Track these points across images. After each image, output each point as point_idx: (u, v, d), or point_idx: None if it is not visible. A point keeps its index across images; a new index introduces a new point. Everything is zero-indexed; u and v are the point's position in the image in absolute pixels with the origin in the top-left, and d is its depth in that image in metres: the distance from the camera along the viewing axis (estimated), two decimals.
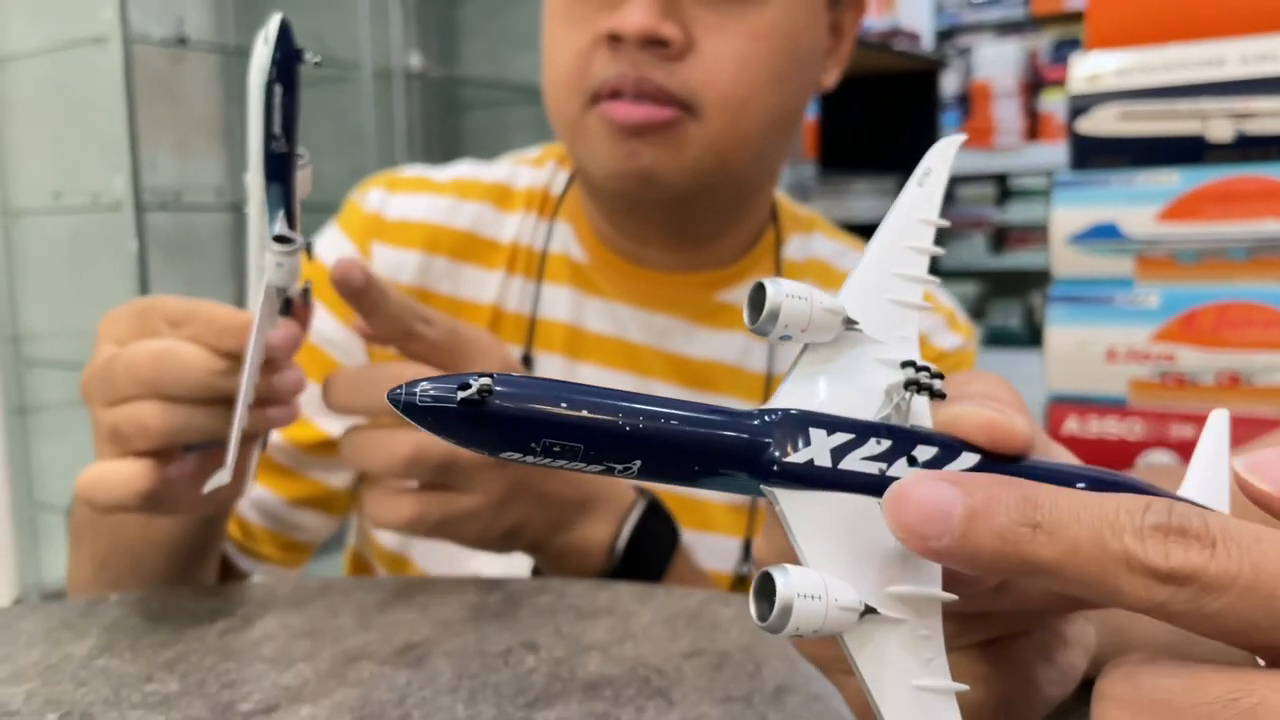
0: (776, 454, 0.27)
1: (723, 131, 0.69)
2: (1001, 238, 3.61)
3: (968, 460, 0.29)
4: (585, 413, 0.25)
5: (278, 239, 0.49)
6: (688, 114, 0.68)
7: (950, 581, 0.28)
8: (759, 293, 0.28)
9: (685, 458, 0.26)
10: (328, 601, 0.58)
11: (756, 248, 0.81)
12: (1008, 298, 3.58)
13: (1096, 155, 0.66)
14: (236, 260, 2.26)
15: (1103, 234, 0.64)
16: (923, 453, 0.29)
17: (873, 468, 0.28)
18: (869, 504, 0.28)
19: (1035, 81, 3.51)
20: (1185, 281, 0.62)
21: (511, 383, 0.24)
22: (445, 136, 2.63)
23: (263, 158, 0.48)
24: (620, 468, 0.26)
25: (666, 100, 0.67)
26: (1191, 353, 0.61)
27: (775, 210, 0.82)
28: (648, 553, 0.63)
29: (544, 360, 0.77)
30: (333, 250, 0.77)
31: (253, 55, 0.48)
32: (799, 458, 0.27)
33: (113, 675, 0.48)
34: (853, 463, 0.28)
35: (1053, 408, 0.65)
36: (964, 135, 0.35)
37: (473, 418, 0.24)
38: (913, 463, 0.28)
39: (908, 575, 0.28)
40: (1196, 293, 0.62)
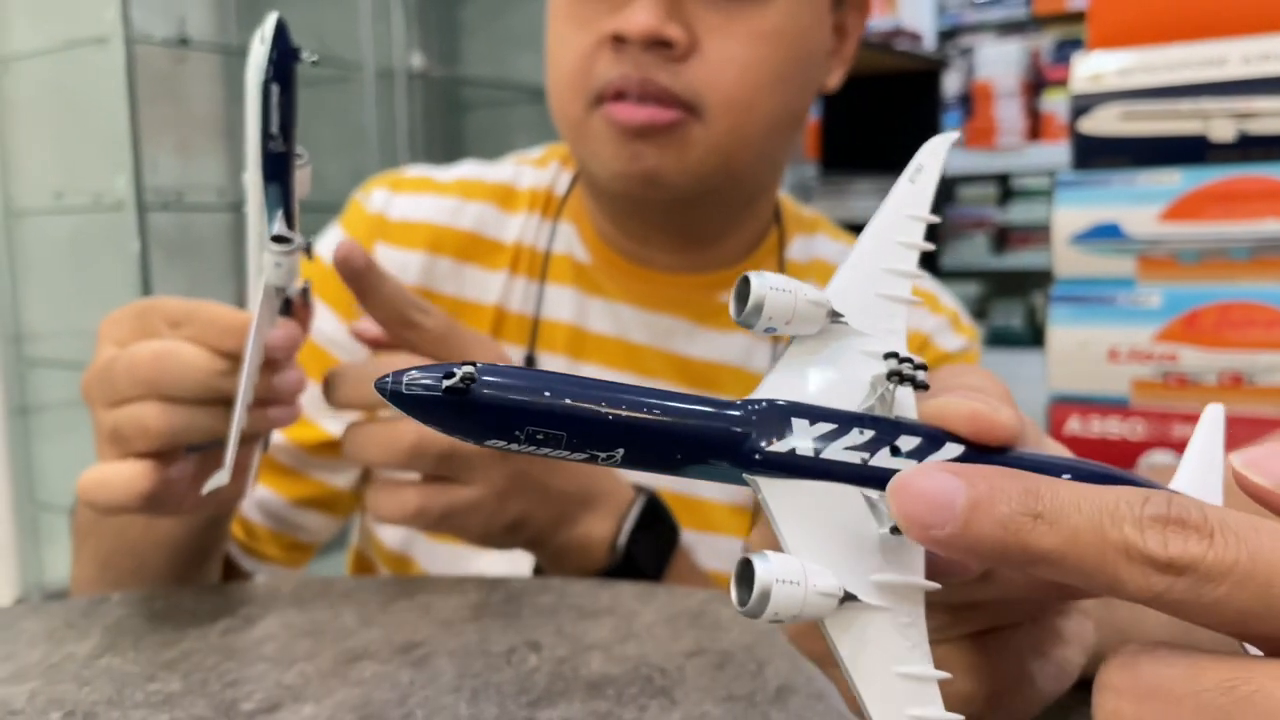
0: (759, 443, 0.28)
1: (726, 133, 0.69)
2: (1003, 238, 3.61)
3: (951, 451, 0.30)
4: (568, 401, 0.25)
5: (276, 239, 0.49)
6: (691, 115, 0.68)
7: (933, 570, 0.28)
8: (744, 286, 0.28)
9: (668, 446, 0.27)
10: (330, 601, 0.58)
11: (760, 249, 0.81)
12: (1010, 298, 3.58)
13: (1098, 155, 0.66)
14: (238, 260, 2.26)
15: (1105, 234, 0.64)
16: (906, 443, 0.29)
17: (855, 457, 0.28)
18: (851, 493, 0.28)
19: (1037, 81, 3.52)
20: (1187, 281, 0.62)
21: (495, 371, 0.25)
22: (447, 136, 2.63)
23: (260, 158, 0.48)
24: (604, 456, 0.26)
25: (670, 102, 0.67)
26: (1193, 353, 0.61)
27: (778, 211, 0.82)
28: (648, 550, 0.63)
29: (547, 360, 0.77)
30: None
31: (249, 55, 0.47)
32: (781, 447, 0.28)
33: (115, 674, 0.48)
34: (835, 452, 0.28)
35: (1055, 408, 0.65)
36: (956, 133, 0.35)
37: (457, 406, 0.25)
38: (895, 453, 0.29)
39: (890, 563, 0.28)
40: (1198, 293, 0.62)
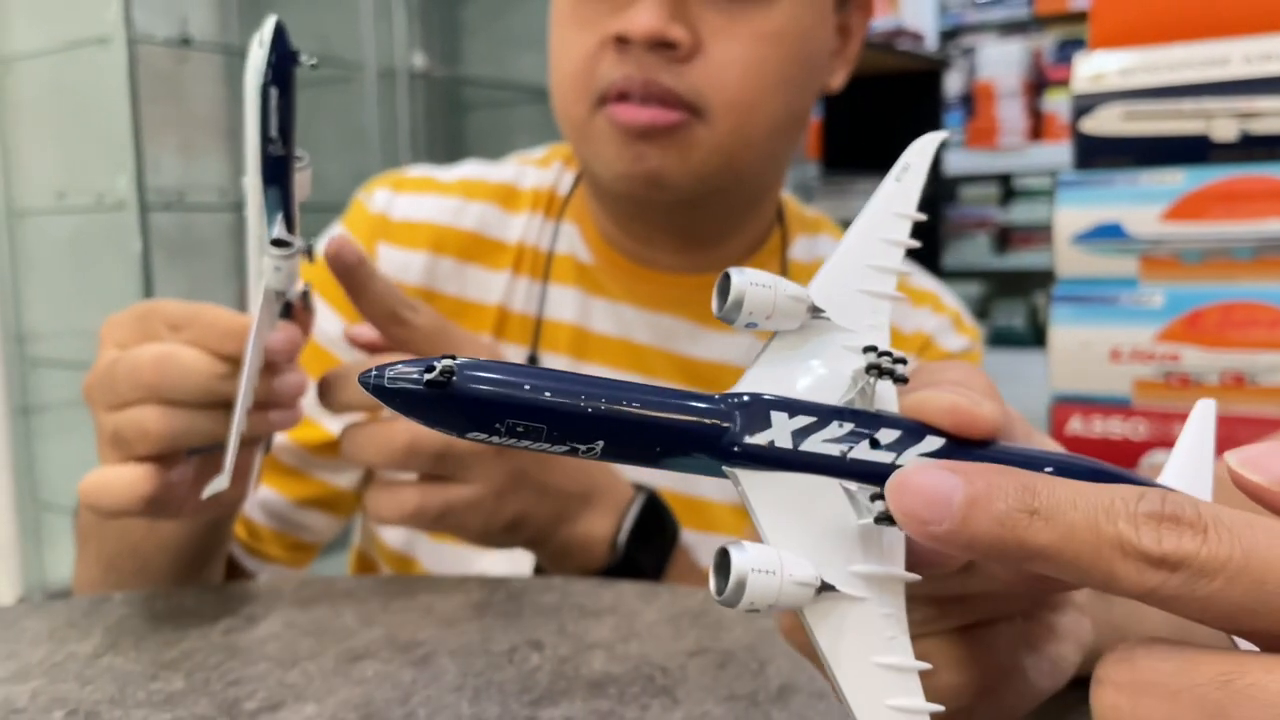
0: (738, 436, 0.28)
1: (730, 134, 0.69)
2: (1005, 238, 3.61)
3: (932, 444, 0.30)
4: (547, 395, 0.26)
5: (275, 243, 0.48)
6: (695, 116, 0.68)
7: (914, 562, 0.29)
8: (725, 281, 0.29)
9: (647, 439, 0.27)
10: (332, 600, 0.58)
11: (762, 249, 0.81)
12: (1011, 298, 3.58)
13: (1100, 155, 0.66)
14: (240, 260, 2.26)
15: (1107, 234, 0.64)
16: (886, 436, 0.29)
17: (834, 450, 0.29)
18: (831, 485, 0.29)
19: (1039, 81, 3.52)
20: (1189, 281, 0.62)
21: (475, 365, 0.25)
22: (449, 137, 2.63)
23: (260, 161, 0.48)
24: (584, 448, 0.27)
25: (673, 103, 0.67)
26: (1196, 353, 0.61)
27: (781, 211, 0.82)
28: (648, 548, 0.63)
29: (550, 360, 0.77)
30: None
31: (248, 58, 0.47)
32: (760, 440, 0.28)
33: (118, 674, 0.48)
34: (814, 445, 0.28)
35: (1056, 408, 0.65)
36: (945, 133, 0.35)
37: (438, 399, 0.25)
38: (875, 445, 0.29)
39: (870, 555, 0.28)
40: (1201, 293, 0.62)
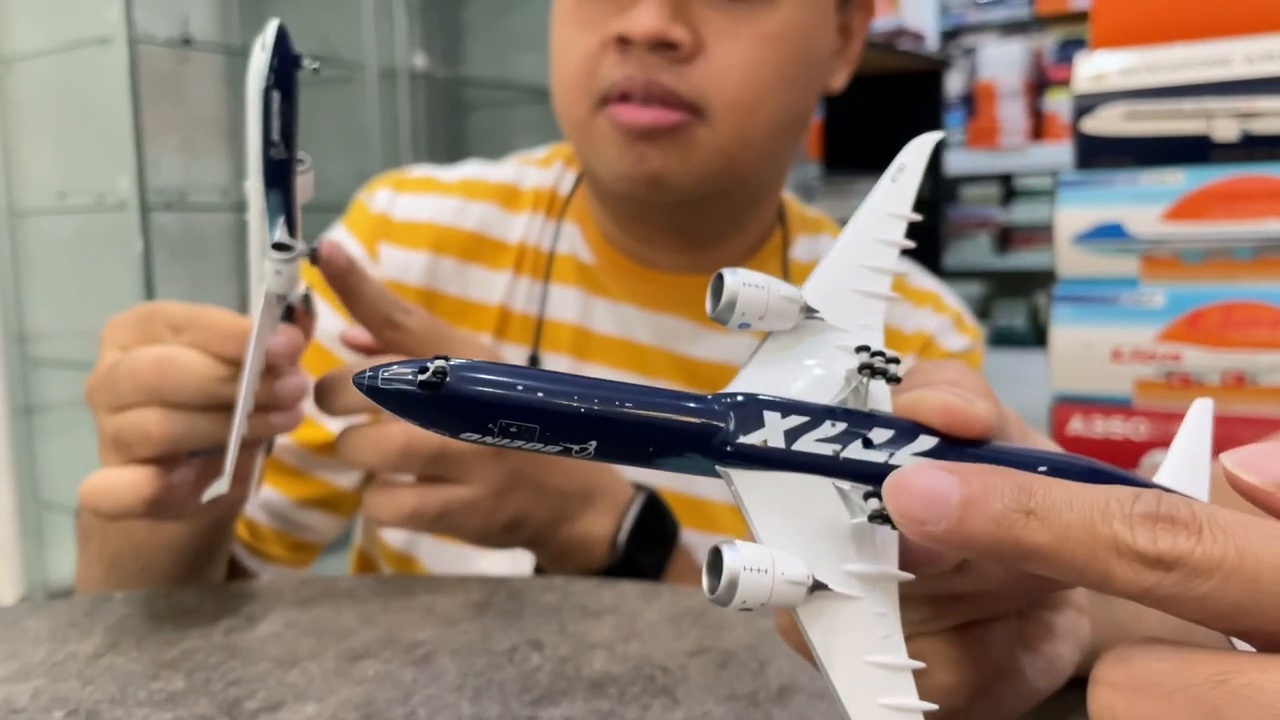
0: (731, 436, 0.28)
1: (731, 135, 0.69)
2: (1006, 238, 3.61)
3: (925, 443, 0.30)
4: (540, 395, 0.26)
5: (277, 246, 0.48)
6: (696, 117, 0.68)
7: (907, 561, 0.29)
8: (718, 282, 0.29)
9: (640, 439, 0.27)
10: (333, 600, 0.58)
11: (764, 249, 0.81)
12: (1013, 298, 3.58)
13: (1101, 155, 0.66)
14: (241, 260, 2.24)
15: (1108, 234, 0.64)
16: (879, 435, 0.29)
17: (827, 449, 0.29)
18: (824, 485, 0.29)
19: (1040, 81, 3.52)
20: (1190, 281, 0.62)
21: (468, 366, 0.26)
22: (450, 137, 2.63)
23: (262, 165, 0.48)
24: (577, 448, 0.27)
25: (675, 103, 0.67)
26: (1197, 353, 0.61)
27: (783, 211, 0.82)
28: (648, 547, 0.63)
29: (551, 361, 0.77)
30: None
31: (250, 62, 0.47)
32: (753, 439, 0.28)
33: (119, 673, 0.48)
34: (806, 444, 0.29)
35: (1058, 408, 0.65)
36: (941, 133, 0.35)
37: (431, 399, 0.25)
38: (868, 445, 0.29)
39: (864, 554, 0.28)
40: (1202, 292, 0.62)
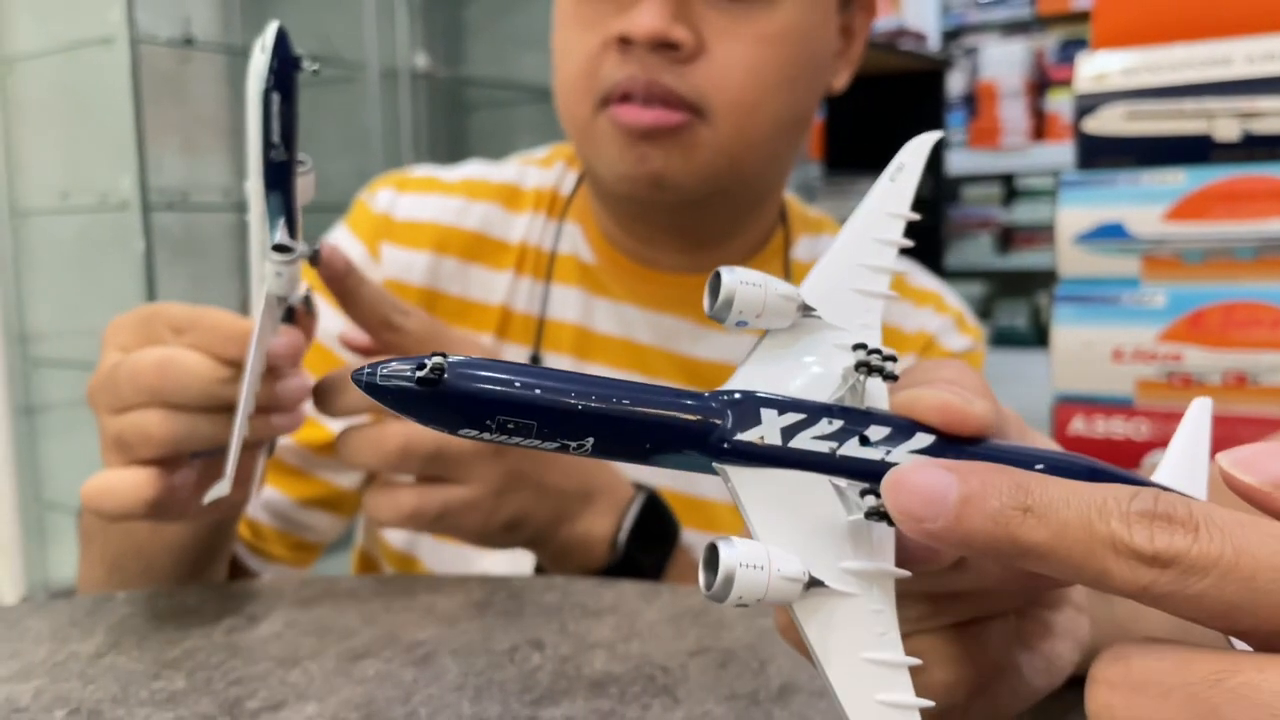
0: (728, 433, 0.28)
1: (733, 135, 0.69)
2: (1008, 238, 3.61)
3: (922, 441, 0.30)
4: (537, 391, 0.26)
5: (277, 248, 0.48)
6: (698, 117, 0.68)
7: (903, 559, 0.29)
8: (716, 280, 0.29)
9: (637, 435, 0.27)
10: (334, 600, 0.58)
11: (765, 249, 0.81)
12: (1014, 298, 3.58)
13: (1103, 155, 0.66)
14: (243, 260, 2.24)
15: (1109, 234, 0.64)
16: (875, 433, 0.29)
17: (824, 446, 0.29)
18: (821, 482, 0.29)
19: (1041, 81, 3.51)
20: (1192, 281, 0.62)
21: (466, 363, 0.26)
22: (451, 137, 2.63)
23: (262, 166, 0.48)
24: (574, 445, 0.27)
25: (676, 104, 0.67)
26: (1198, 352, 0.61)
27: (784, 212, 0.82)
28: (648, 547, 0.63)
29: (552, 360, 0.77)
30: None
31: (250, 63, 0.47)
32: (750, 436, 0.28)
33: (120, 673, 0.48)
34: (803, 441, 0.29)
35: (1059, 408, 0.65)
36: (939, 133, 0.36)
37: (429, 396, 0.26)
38: (865, 442, 0.29)
39: (860, 551, 0.28)
40: (1203, 292, 0.62)
